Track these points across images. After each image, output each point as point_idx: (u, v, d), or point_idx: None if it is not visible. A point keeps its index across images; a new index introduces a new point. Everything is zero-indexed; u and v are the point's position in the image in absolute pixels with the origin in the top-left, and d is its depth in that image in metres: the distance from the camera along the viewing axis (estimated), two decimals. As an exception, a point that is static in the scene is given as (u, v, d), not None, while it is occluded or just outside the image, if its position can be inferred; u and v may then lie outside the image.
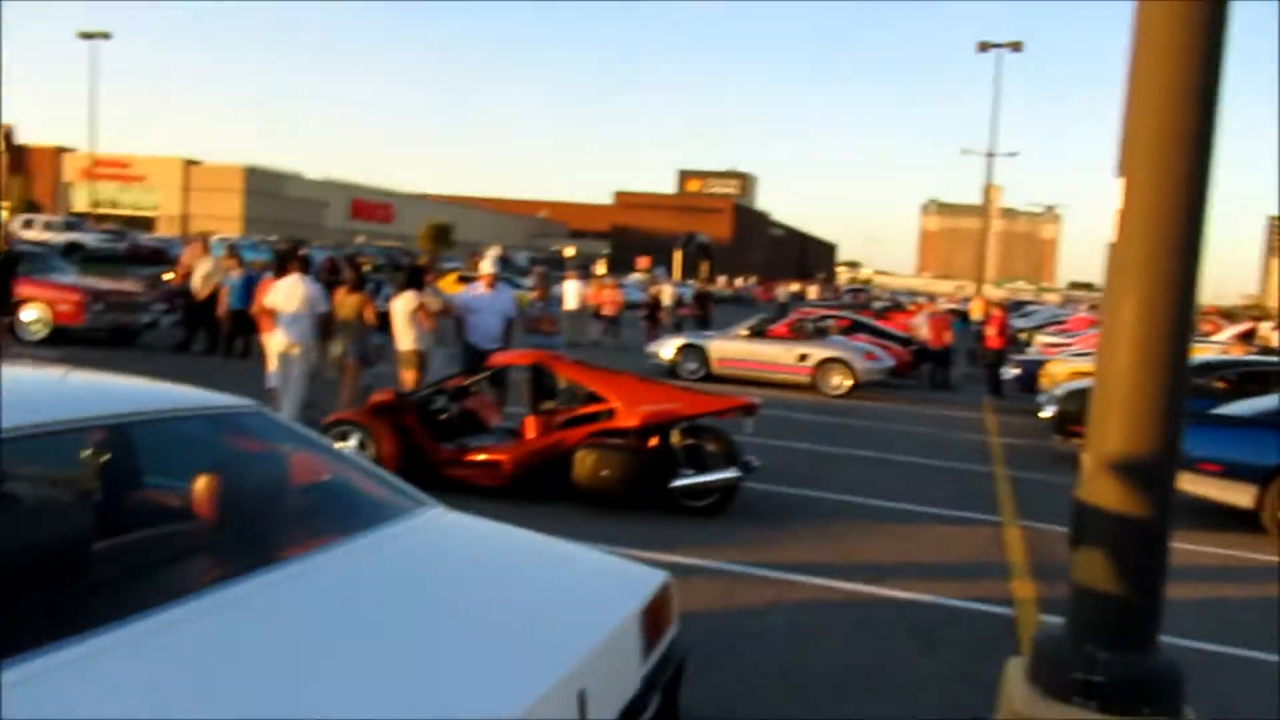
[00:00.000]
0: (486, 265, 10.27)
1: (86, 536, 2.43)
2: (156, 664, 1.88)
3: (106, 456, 2.86)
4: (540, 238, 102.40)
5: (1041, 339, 24.60)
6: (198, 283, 14.83)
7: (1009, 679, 3.39)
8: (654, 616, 2.69)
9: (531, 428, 7.80)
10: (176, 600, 2.09)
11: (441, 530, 2.93)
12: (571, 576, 2.79)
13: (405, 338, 9.62)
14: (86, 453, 2.81)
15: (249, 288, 14.12)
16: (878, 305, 34.36)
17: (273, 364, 9.65)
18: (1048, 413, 12.29)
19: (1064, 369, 14.49)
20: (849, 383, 16.18)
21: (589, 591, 2.69)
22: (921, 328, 19.23)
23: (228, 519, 2.67)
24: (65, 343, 13.82)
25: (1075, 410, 10.60)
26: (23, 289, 13.77)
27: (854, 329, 20.10)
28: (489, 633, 2.28)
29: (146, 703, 1.76)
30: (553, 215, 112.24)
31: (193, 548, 2.64)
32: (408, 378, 9.59)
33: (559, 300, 12.39)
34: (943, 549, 7.19)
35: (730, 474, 7.46)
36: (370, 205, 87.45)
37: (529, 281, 13.59)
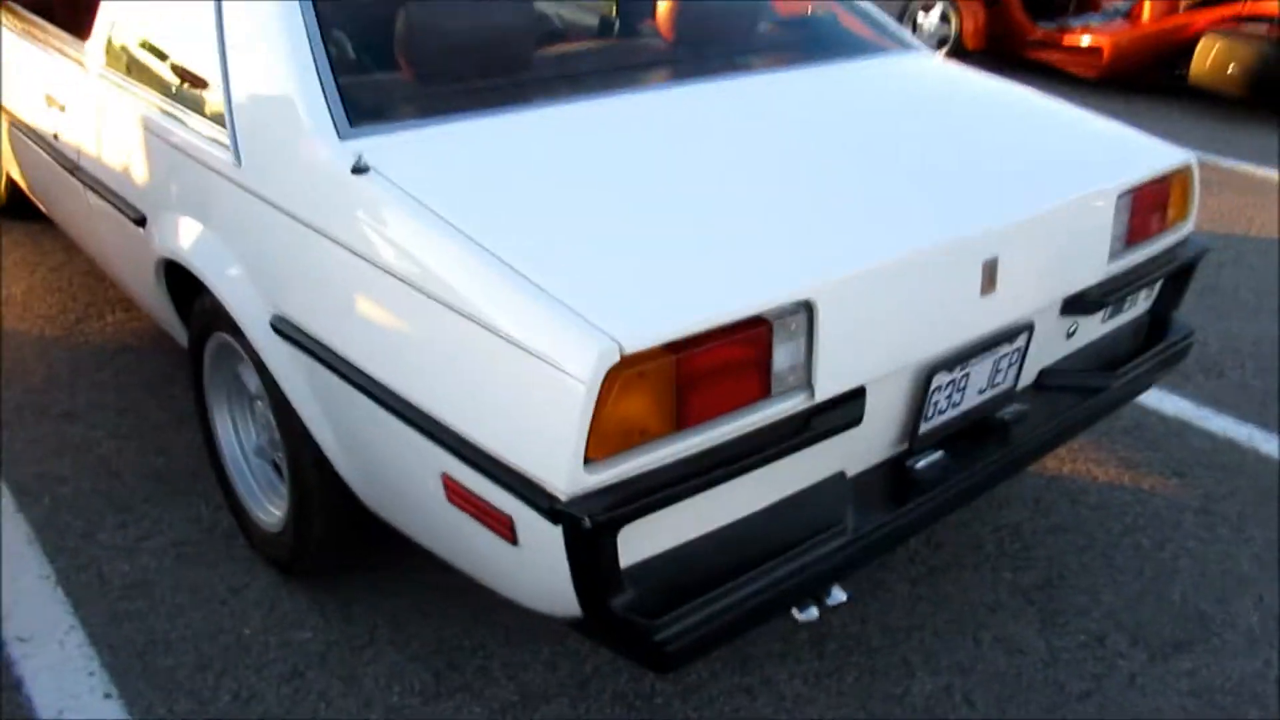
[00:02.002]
0: None
1: (557, 35, 2.71)
2: (600, 126, 2.02)
3: None
4: None
5: None
6: None
7: None
8: (1149, 202, 2.07)
9: (1150, 7, 6.48)
10: (639, 88, 2.24)
11: (922, 70, 2.56)
12: (1056, 137, 2.22)
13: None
14: None
15: None
16: None
17: None
18: None
19: None
20: None
21: (1067, 155, 2.12)
22: None
23: (693, 37, 2.56)
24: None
25: None
26: None
27: None
28: (916, 169, 1.96)
29: (581, 152, 1.91)
30: None
31: (658, 58, 2.62)
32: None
33: None
34: None
35: None
36: None
37: None
